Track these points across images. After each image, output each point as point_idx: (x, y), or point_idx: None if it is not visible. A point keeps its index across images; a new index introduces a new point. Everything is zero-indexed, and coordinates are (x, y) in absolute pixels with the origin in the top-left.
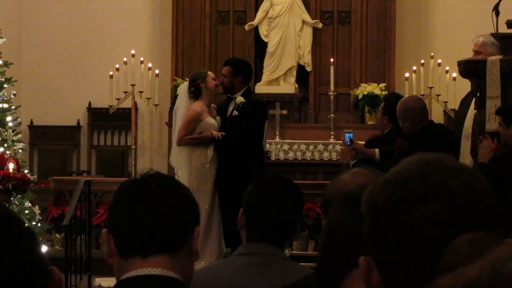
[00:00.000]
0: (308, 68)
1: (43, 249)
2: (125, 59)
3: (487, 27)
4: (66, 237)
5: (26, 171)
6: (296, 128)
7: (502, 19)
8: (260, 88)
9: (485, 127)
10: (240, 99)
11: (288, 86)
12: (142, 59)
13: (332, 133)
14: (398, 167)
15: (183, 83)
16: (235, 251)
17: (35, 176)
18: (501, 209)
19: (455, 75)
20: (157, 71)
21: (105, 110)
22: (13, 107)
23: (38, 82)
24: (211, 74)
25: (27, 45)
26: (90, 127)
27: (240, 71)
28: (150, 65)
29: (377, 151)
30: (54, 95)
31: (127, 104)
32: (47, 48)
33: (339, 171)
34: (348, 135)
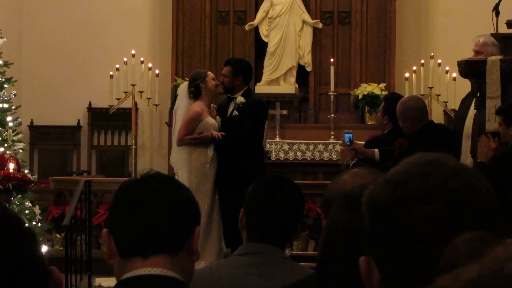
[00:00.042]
0: (308, 68)
1: (43, 249)
2: (125, 59)
3: (487, 27)
4: (66, 237)
5: (26, 171)
6: (296, 128)
7: (502, 19)
8: (260, 88)
9: (485, 127)
10: (240, 99)
11: (288, 86)
12: (142, 59)
13: (332, 133)
14: (398, 167)
15: (183, 83)
16: (236, 251)
17: (35, 176)
18: (501, 209)
19: (455, 75)
20: (157, 71)
21: (105, 110)
22: (13, 107)
23: (38, 82)
24: (211, 74)
25: (27, 45)
26: (90, 127)
27: (240, 71)
28: (150, 65)
29: (377, 151)
30: (54, 95)
31: (127, 104)
32: (47, 48)
33: (339, 171)
34: (348, 136)
